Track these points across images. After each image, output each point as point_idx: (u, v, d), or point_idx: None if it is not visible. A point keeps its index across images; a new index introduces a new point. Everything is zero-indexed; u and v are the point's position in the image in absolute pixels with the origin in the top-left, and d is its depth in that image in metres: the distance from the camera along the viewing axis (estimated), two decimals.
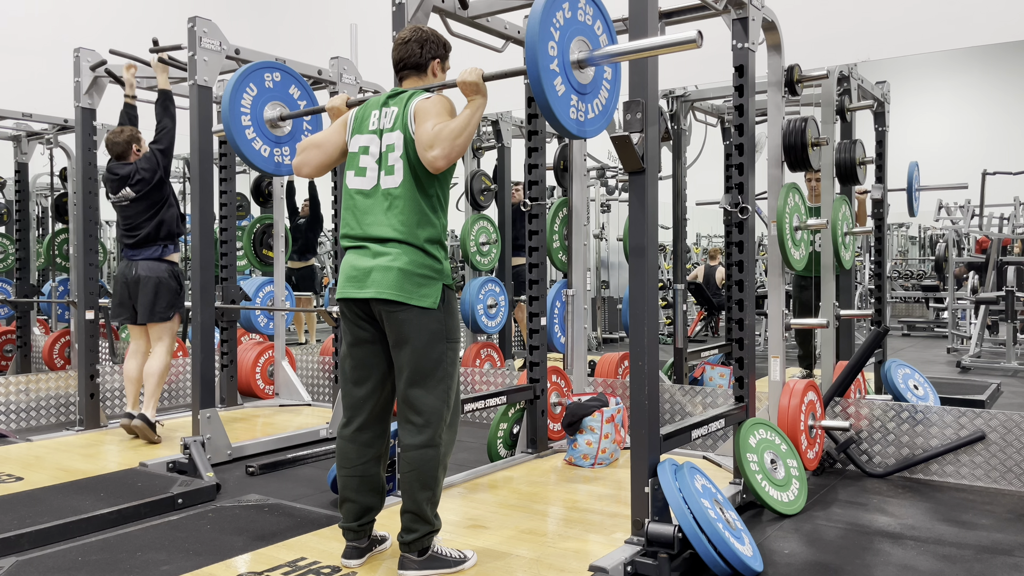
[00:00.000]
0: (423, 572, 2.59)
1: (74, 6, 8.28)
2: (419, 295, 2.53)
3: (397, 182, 2.56)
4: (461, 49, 4.06)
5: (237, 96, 3.15)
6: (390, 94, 2.68)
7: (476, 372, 5.56)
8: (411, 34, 2.74)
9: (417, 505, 2.57)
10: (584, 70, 2.44)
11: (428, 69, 2.75)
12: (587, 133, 2.52)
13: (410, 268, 2.53)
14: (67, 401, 5.40)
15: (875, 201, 5.16)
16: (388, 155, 2.59)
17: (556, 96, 2.32)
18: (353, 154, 2.67)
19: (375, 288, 2.53)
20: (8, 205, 7.24)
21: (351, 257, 2.62)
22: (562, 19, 2.36)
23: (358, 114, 2.71)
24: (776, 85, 3.83)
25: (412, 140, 2.54)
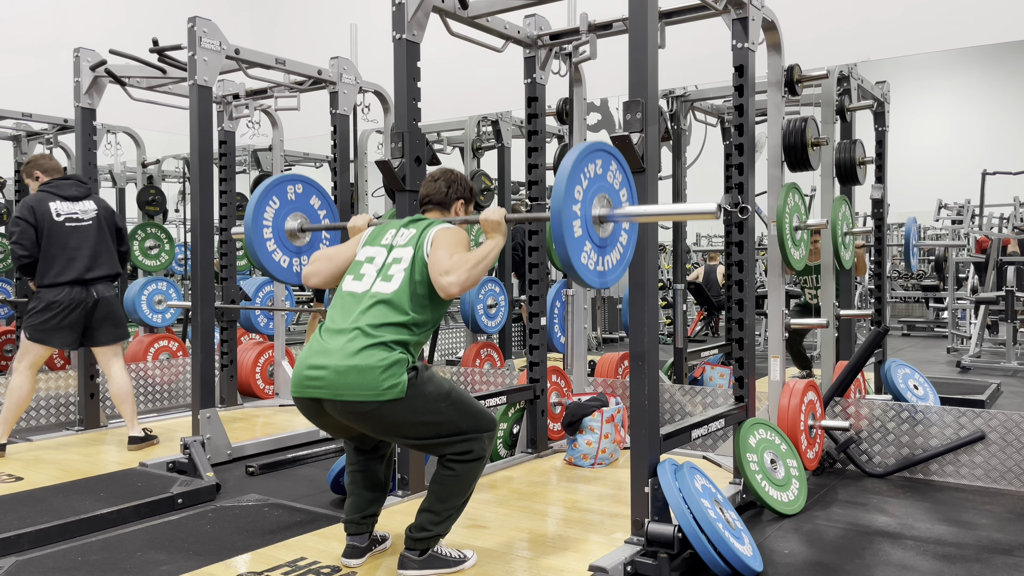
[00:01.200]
0: (423, 572, 2.59)
1: (74, 6, 8.28)
2: (382, 390, 2.42)
3: (390, 289, 2.56)
4: (461, 49, 4.07)
5: (260, 210, 3.25)
6: (412, 218, 2.78)
7: (476, 372, 5.56)
8: (441, 174, 2.89)
9: (444, 507, 2.59)
10: (604, 225, 2.49)
11: (452, 208, 2.88)
12: (608, 284, 2.56)
13: (369, 362, 2.42)
14: (67, 401, 5.40)
15: (875, 201, 5.16)
16: (391, 266, 2.62)
17: (578, 252, 2.38)
18: (357, 262, 2.71)
19: (329, 391, 2.45)
20: (8, 205, 7.23)
21: (307, 350, 2.54)
22: (591, 173, 2.42)
23: (375, 230, 2.81)
24: (776, 85, 3.83)
25: (423, 259, 2.59)
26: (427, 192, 2.88)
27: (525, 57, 4.20)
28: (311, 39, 8.69)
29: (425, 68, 3.52)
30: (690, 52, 5.16)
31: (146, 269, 6.83)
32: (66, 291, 4.28)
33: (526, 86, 4.21)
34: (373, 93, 5.38)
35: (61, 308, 4.27)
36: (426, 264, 2.57)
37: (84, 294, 4.33)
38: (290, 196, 3.33)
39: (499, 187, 6.49)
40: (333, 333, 2.53)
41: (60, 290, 4.28)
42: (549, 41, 4.17)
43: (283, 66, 4.71)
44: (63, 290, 4.28)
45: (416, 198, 3.45)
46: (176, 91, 5.34)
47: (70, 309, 4.29)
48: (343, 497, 3.56)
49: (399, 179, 3.41)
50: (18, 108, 6.04)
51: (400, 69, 3.44)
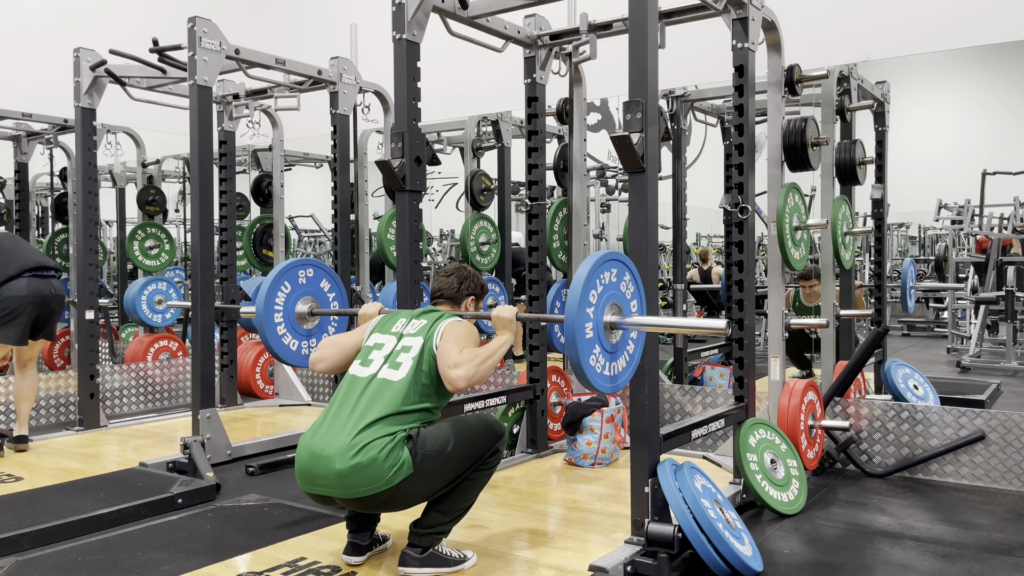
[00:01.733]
0: (424, 570, 2.60)
1: (74, 6, 8.28)
2: (387, 479, 2.44)
3: (398, 376, 2.60)
4: (461, 49, 4.07)
5: (272, 295, 3.34)
6: (424, 310, 2.85)
7: None
8: (454, 271, 3.01)
9: (453, 507, 2.62)
10: (614, 332, 2.55)
11: (462, 303, 2.99)
12: (617, 388, 2.60)
13: (369, 456, 2.43)
14: (67, 401, 5.40)
15: (875, 201, 5.16)
16: (400, 353, 2.66)
17: (588, 356, 2.43)
18: (366, 347, 2.76)
19: (336, 491, 2.47)
20: (8, 205, 7.23)
21: (305, 441, 2.55)
22: (606, 280, 2.49)
23: (385, 318, 2.87)
24: (776, 85, 3.83)
25: (431, 351, 2.63)
26: (439, 287, 2.98)
27: (525, 57, 4.20)
28: (311, 39, 8.68)
29: (425, 68, 3.52)
30: (690, 52, 5.16)
31: (146, 269, 6.83)
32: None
33: (526, 86, 4.21)
34: (373, 93, 5.38)
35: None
36: (435, 356, 2.62)
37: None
38: (301, 280, 3.43)
39: (499, 187, 6.49)
40: (334, 421, 2.54)
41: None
42: (549, 41, 4.17)
43: (283, 66, 4.71)
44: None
45: (416, 198, 3.47)
46: (176, 91, 5.34)
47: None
48: None
49: (399, 179, 3.41)
50: (18, 108, 6.04)
51: (400, 69, 3.44)
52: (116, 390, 5.77)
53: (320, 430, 2.55)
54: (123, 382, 5.82)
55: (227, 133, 5.54)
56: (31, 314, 4.27)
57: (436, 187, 9.56)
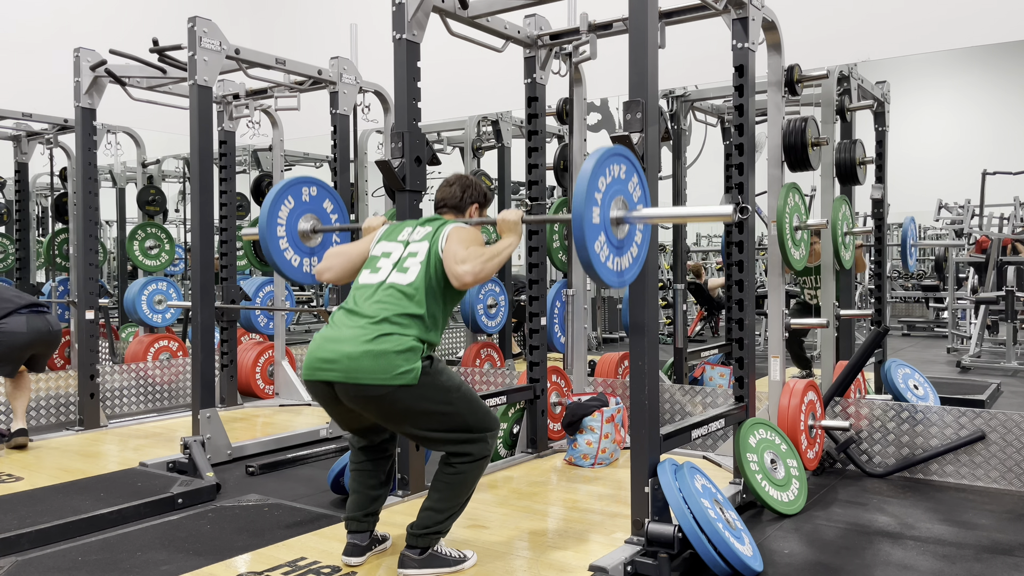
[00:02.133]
0: (423, 571, 2.59)
1: (74, 6, 8.28)
2: (395, 375, 2.44)
3: (406, 280, 2.60)
4: (461, 49, 4.07)
5: (275, 208, 3.28)
6: (428, 218, 2.85)
7: (476, 372, 5.56)
8: (456, 179, 2.97)
9: (447, 505, 2.60)
10: (620, 226, 2.53)
11: (466, 212, 2.95)
12: (625, 283, 2.61)
13: (383, 347, 2.45)
14: (67, 401, 5.40)
15: (875, 201, 5.16)
16: (407, 259, 2.67)
17: (598, 253, 2.41)
18: (373, 256, 2.76)
19: (343, 374, 2.47)
20: (8, 205, 7.24)
21: (320, 335, 2.58)
22: (609, 177, 2.45)
23: (390, 227, 2.86)
24: (776, 85, 3.83)
25: (437, 254, 2.63)
26: (443, 196, 2.94)
27: (525, 57, 4.20)
28: (311, 39, 8.68)
29: (425, 68, 3.52)
30: (690, 52, 5.16)
31: (146, 269, 6.83)
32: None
33: (526, 86, 4.21)
34: (373, 93, 5.38)
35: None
36: (440, 259, 2.61)
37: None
38: (304, 198, 3.35)
39: (499, 187, 6.49)
40: (348, 317, 2.57)
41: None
42: (549, 41, 4.17)
43: (283, 66, 4.71)
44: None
45: (416, 198, 3.47)
46: (176, 91, 5.33)
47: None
48: (343, 497, 3.57)
49: (399, 179, 3.41)
50: (18, 108, 6.04)
51: (400, 69, 3.44)
52: (116, 390, 5.77)
53: (334, 325, 2.58)
54: (123, 382, 5.82)
55: (227, 133, 5.54)
56: (27, 351, 4.34)
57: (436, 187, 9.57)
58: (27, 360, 4.45)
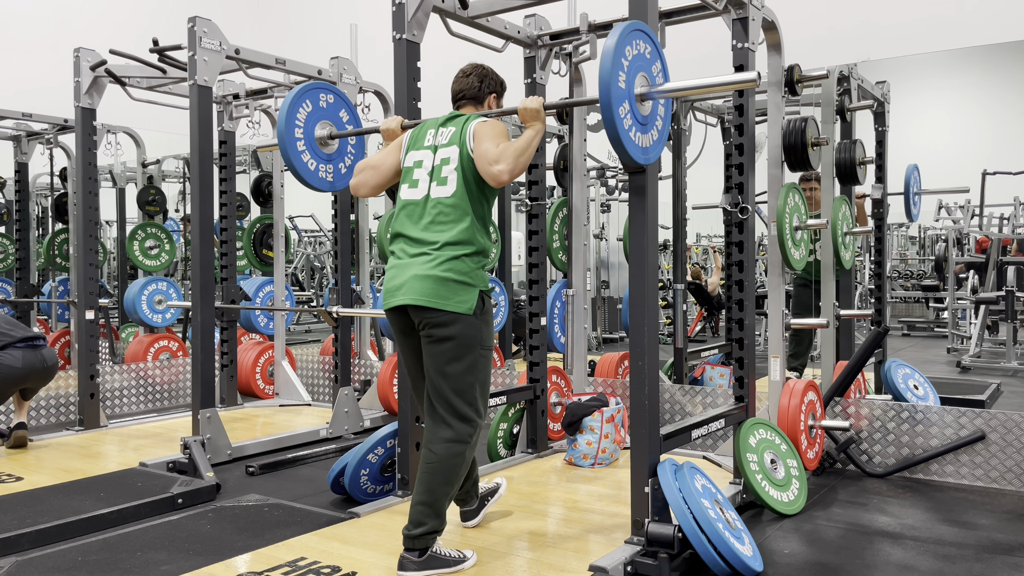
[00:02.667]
0: (423, 572, 2.58)
1: (74, 6, 8.28)
2: (456, 301, 2.60)
3: (448, 192, 2.68)
4: (461, 48, 4.07)
5: (294, 109, 3.26)
6: (449, 116, 2.83)
7: None
8: (472, 69, 2.96)
9: (434, 497, 2.60)
10: (644, 103, 2.57)
11: (485, 102, 2.95)
12: (649, 160, 2.63)
13: (448, 275, 2.60)
14: (67, 401, 5.40)
15: (875, 201, 5.16)
16: (441, 168, 2.71)
17: (626, 130, 2.46)
18: (407, 168, 2.80)
19: (411, 296, 2.61)
20: (8, 205, 7.24)
21: (391, 265, 2.73)
22: (630, 55, 2.50)
23: (413, 133, 2.86)
24: (776, 85, 3.83)
25: (468, 156, 2.68)
26: (460, 88, 2.93)
27: (525, 57, 4.20)
28: (311, 39, 8.69)
29: (425, 68, 3.52)
30: (690, 52, 5.16)
31: (146, 269, 6.83)
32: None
33: (526, 86, 4.21)
34: (373, 93, 5.38)
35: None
36: (472, 159, 2.66)
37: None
38: (322, 103, 3.36)
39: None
40: (410, 246, 2.68)
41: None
42: (549, 41, 4.17)
43: (283, 66, 4.71)
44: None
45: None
46: (176, 91, 5.34)
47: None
48: (343, 497, 3.58)
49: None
50: (18, 108, 6.04)
51: (400, 69, 3.44)
52: (116, 390, 5.77)
53: (400, 255, 2.70)
54: (123, 382, 5.82)
55: (227, 133, 5.54)
56: (20, 384, 4.33)
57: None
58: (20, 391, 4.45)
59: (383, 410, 5.28)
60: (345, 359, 5.00)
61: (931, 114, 8.59)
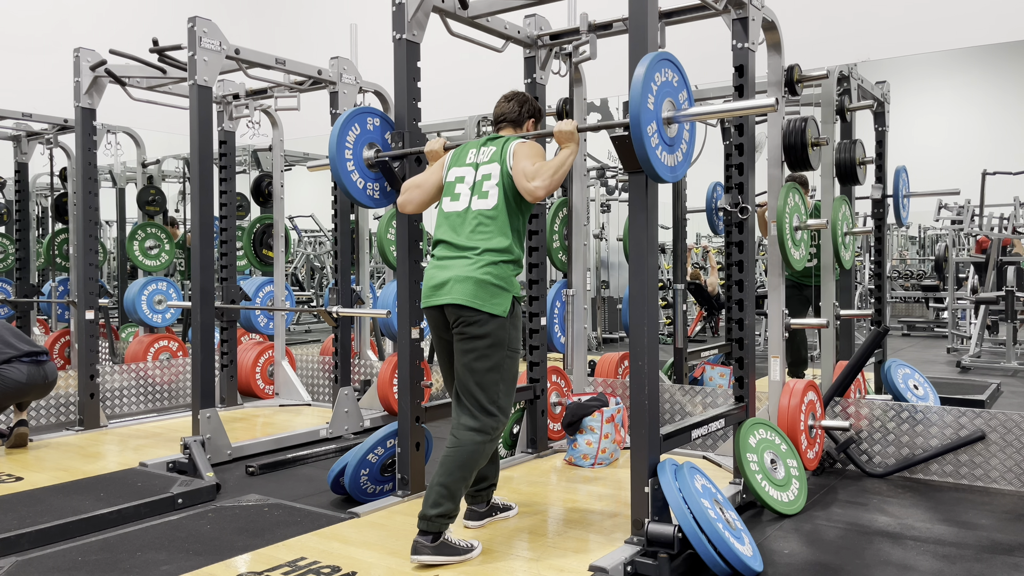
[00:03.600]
0: (435, 557, 2.69)
1: (74, 6, 8.28)
2: (491, 303, 2.80)
3: (490, 205, 2.89)
4: (462, 49, 4.07)
5: (344, 133, 3.44)
6: (490, 137, 3.06)
7: None
8: (514, 96, 3.19)
9: (452, 480, 2.74)
10: (671, 126, 2.70)
11: (524, 126, 3.17)
12: (676, 177, 2.78)
13: (487, 278, 2.80)
14: (67, 401, 5.40)
15: (875, 201, 5.16)
16: (483, 183, 2.93)
17: (655, 152, 2.60)
18: (449, 183, 3.02)
19: (451, 296, 2.81)
20: (8, 205, 7.24)
21: (432, 266, 2.93)
22: (659, 81, 2.64)
23: (456, 152, 3.09)
24: (776, 85, 3.83)
25: (508, 173, 2.89)
26: (502, 112, 3.16)
27: (525, 57, 4.20)
28: (311, 39, 8.69)
29: (425, 68, 3.52)
30: (690, 52, 5.15)
31: (146, 269, 6.83)
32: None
33: (526, 86, 4.21)
34: (373, 93, 5.38)
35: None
36: (511, 176, 2.87)
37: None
38: (369, 127, 3.51)
39: None
40: (451, 250, 2.89)
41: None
42: (549, 41, 4.17)
43: (283, 66, 4.71)
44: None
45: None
46: (176, 91, 5.33)
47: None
48: (343, 497, 3.58)
49: (399, 179, 3.40)
50: (18, 108, 6.04)
51: (400, 69, 3.44)
52: (116, 390, 5.77)
53: (440, 258, 2.91)
54: (123, 382, 5.82)
55: (227, 133, 5.54)
56: (20, 397, 4.35)
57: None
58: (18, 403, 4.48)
59: (383, 410, 5.28)
60: (345, 359, 5.00)
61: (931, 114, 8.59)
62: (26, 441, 4.46)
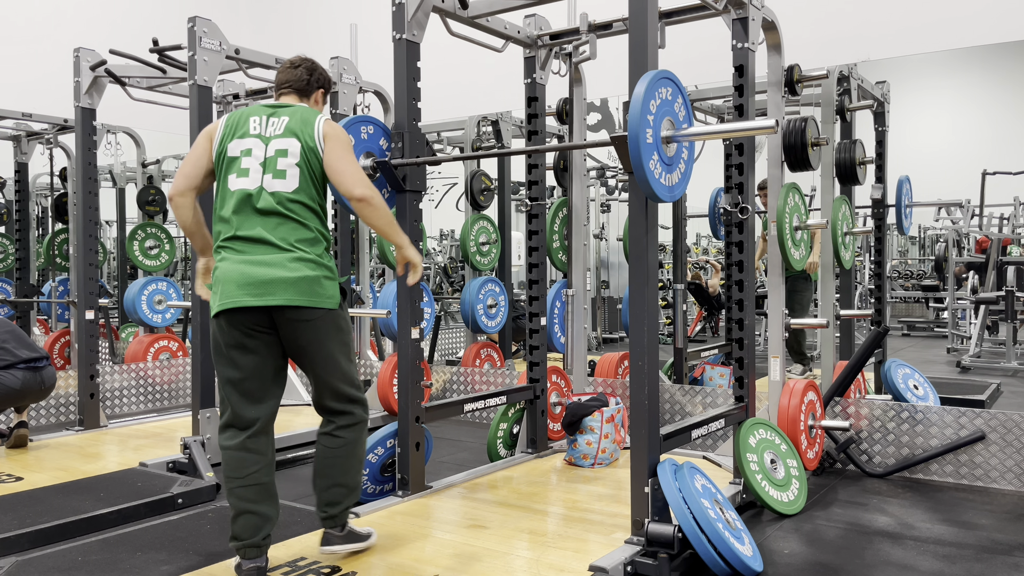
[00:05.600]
0: (348, 546, 2.79)
1: (74, 6, 8.28)
2: (324, 297, 2.61)
3: (291, 187, 2.61)
4: (461, 49, 4.07)
5: None
6: (275, 105, 2.74)
7: (476, 372, 5.56)
8: (301, 62, 2.88)
9: (350, 477, 2.79)
10: (670, 145, 2.69)
11: (312, 96, 2.89)
12: (675, 197, 2.74)
13: (314, 272, 2.59)
14: (67, 401, 5.40)
15: (875, 201, 5.16)
16: (277, 159, 2.62)
17: (653, 170, 2.58)
18: (233, 157, 2.65)
19: (283, 296, 2.54)
20: (8, 205, 7.23)
21: (239, 264, 2.57)
22: (658, 100, 2.62)
23: (231, 121, 2.70)
24: (776, 85, 3.83)
25: (314, 151, 2.64)
26: (287, 79, 2.83)
27: (525, 57, 4.20)
28: (311, 39, 8.69)
29: (425, 68, 3.52)
30: (690, 52, 5.16)
31: (146, 269, 6.83)
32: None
33: (526, 86, 4.21)
34: (373, 93, 5.38)
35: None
36: (319, 157, 2.64)
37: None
38: (363, 136, 3.47)
39: (499, 187, 6.49)
40: (254, 244, 2.58)
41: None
42: (549, 41, 4.17)
43: None
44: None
45: (416, 198, 3.46)
46: (176, 91, 5.33)
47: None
48: None
49: (399, 179, 3.41)
50: (18, 108, 6.04)
51: (400, 69, 3.44)
52: (116, 390, 5.77)
53: (242, 256, 2.58)
54: (123, 382, 5.82)
55: None
56: (15, 402, 4.36)
57: (436, 187, 9.56)
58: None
59: (383, 410, 5.28)
60: None
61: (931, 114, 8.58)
62: (26, 442, 4.46)
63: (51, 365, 4.46)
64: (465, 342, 6.85)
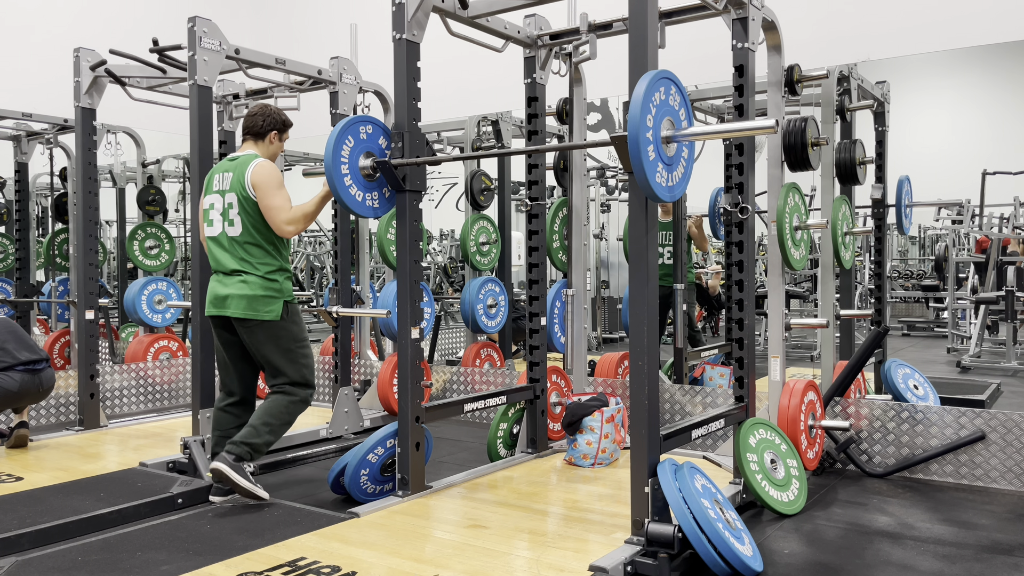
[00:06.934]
0: (231, 471, 3.29)
1: (74, 6, 8.28)
2: (265, 311, 3.46)
3: (238, 232, 3.47)
4: (462, 49, 4.07)
5: (339, 148, 3.39)
6: (230, 159, 3.55)
7: (476, 372, 5.56)
8: (259, 110, 3.64)
9: (257, 419, 3.45)
10: (670, 145, 2.69)
11: (266, 137, 3.65)
12: (675, 196, 2.76)
13: (255, 292, 3.45)
14: (67, 401, 5.40)
15: (875, 201, 5.16)
16: (229, 211, 3.48)
17: (653, 170, 2.59)
18: (205, 211, 3.57)
19: (232, 309, 3.46)
20: (8, 205, 7.23)
21: (213, 284, 3.55)
22: (657, 100, 2.62)
23: (208, 178, 3.60)
24: (776, 85, 3.83)
25: (249, 199, 3.44)
26: (246, 126, 3.61)
27: (525, 57, 4.20)
28: (311, 39, 8.69)
29: (425, 68, 3.52)
30: (690, 52, 5.16)
31: (146, 269, 6.83)
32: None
33: (526, 86, 4.21)
34: (373, 93, 5.37)
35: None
36: (253, 201, 3.43)
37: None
38: (362, 135, 3.48)
39: (499, 187, 6.49)
40: (224, 275, 3.51)
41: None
42: (549, 41, 4.17)
43: (283, 66, 4.71)
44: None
45: (416, 198, 3.47)
46: (176, 91, 5.33)
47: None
48: (343, 497, 3.59)
49: (399, 179, 3.41)
50: (18, 108, 6.04)
51: (400, 69, 3.44)
52: (116, 390, 5.77)
53: (217, 281, 3.54)
54: (123, 382, 5.82)
55: (227, 133, 5.53)
56: (13, 403, 4.36)
57: (436, 187, 9.56)
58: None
59: (383, 410, 5.28)
60: (345, 359, 5.00)
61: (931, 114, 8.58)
62: (26, 442, 4.46)
63: (50, 367, 4.46)
64: (465, 342, 6.85)
